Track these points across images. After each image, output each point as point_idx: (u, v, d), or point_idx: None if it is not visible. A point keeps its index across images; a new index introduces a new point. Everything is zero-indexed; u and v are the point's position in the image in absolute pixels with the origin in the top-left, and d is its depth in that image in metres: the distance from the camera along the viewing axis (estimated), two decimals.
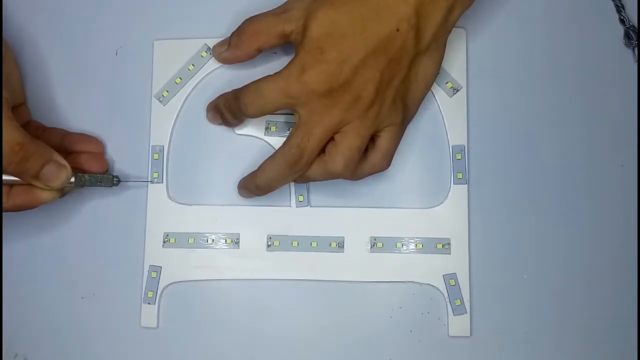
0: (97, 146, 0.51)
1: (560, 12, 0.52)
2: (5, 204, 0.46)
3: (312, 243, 0.50)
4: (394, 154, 0.47)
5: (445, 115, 0.51)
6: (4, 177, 0.46)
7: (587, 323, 0.50)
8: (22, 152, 0.44)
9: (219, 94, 0.50)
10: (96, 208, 0.51)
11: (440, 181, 0.51)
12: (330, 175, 0.46)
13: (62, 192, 0.48)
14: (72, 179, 0.47)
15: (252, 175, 0.48)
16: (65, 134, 0.51)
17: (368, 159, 0.46)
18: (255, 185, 0.48)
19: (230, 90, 0.49)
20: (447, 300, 0.50)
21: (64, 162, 0.46)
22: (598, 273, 0.50)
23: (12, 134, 0.44)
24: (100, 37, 0.52)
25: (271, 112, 0.46)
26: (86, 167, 0.49)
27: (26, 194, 0.46)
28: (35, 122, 0.51)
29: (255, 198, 0.50)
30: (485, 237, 0.50)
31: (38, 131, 0.50)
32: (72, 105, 0.52)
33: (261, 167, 0.47)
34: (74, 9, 0.53)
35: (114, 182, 0.49)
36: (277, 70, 0.45)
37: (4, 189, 0.46)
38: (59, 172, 0.46)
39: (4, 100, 0.44)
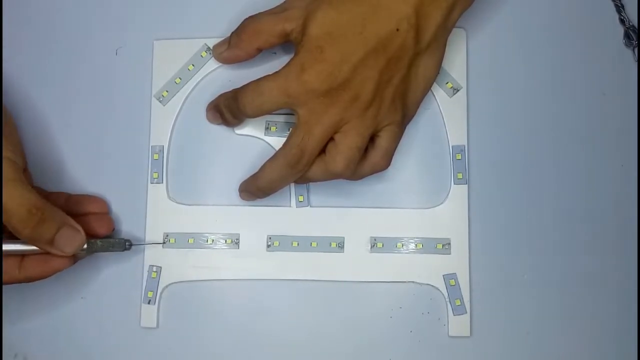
0: (101, 206, 0.50)
1: (560, 12, 0.52)
2: (17, 275, 0.44)
3: (312, 243, 0.50)
4: (393, 153, 0.47)
5: (445, 115, 0.51)
6: (15, 246, 0.45)
7: (588, 323, 0.50)
8: (38, 214, 0.43)
9: (219, 94, 0.50)
10: None
11: (440, 181, 0.51)
12: (331, 175, 0.46)
13: (74, 259, 0.46)
14: (85, 245, 0.46)
15: (253, 178, 0.48)
16: (68, 196, 0.50)
17: (368, 159, 0.46)
18: (257, 188, 0.48)
19: (230, 90, 0.49)
20: (447, 300, 0.50)
21: (78, 226, 0.45)
22: (598, 273, 0.50)
23: (28, 196, 0.43)
24: (100, 37, 0.52)
25: (271, 112, 0.46)
26: (93, 229, 0.48)
27: (39, 264, 0.45)
28: (37, 188, 0.50)
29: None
30: (485, 237, 0.50)
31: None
32: (72, 105, 0.52)
33: (262, 169, 0.47)
34: (73, 9, 0.53)
35: (126, 246, 0.49)
36: (277, 69, 0.45)
37: (15, 261, 0.45)
38: (74, 237, 0.45)
39: (12, 164, 0.43)
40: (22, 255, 0.45)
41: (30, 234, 0.43)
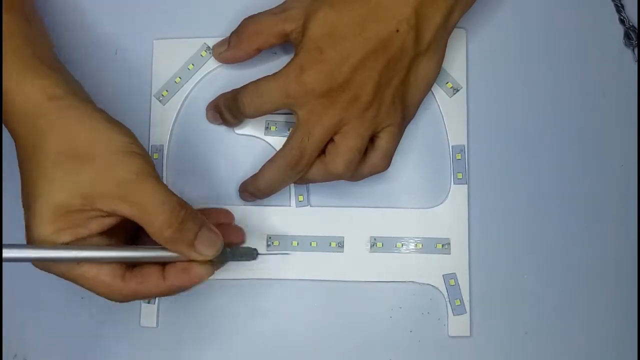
0: (229, 217, 0.49)
1: (560, 12, 0.52)
2: (162, 285, 0.41)
3: (312, 243, 0.50)
4: (393, 154, 0.47)
5: (445, 115, 0.51)
6: (157, 253, 0.41)
7: (587, 323, 0.50)
8: (182, 214, 0.40)
9: (218, 94, 0.50)
10: None
11: (440, 181, 0.51)
12: (331, 177, 0.46)
13: (214, 267, 0.43)
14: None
15: (253, 179, 0.48)
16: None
17: (368, 160, 0.46)
18: (257, 189, 0.48)
19: (230, 89, 0.49)
20: (447, 300, 0.50)
21: (215, 228, 0.42)
22: (598, 273, 0.50)
23: (169, 195, 0.40)
24: (100, 37, 0.52)
25: (270, 112, 0.46)
26: (228, 238, 0.45)
27: (182, 273, 0.41)
28: None
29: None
30: (485, 237, 0.50)
31: None
32: None
33: (262, 170, 0.47)
34: (72, 9, 0.53)
35: (254, 256, 0.47)
36: (277, 69, 0.45)
37: (157, 270, 0.41)
38: (214, 239, 0.41)
39: (149, 161, 0.40)
40: (162, 264, 0.42)
41: (172, 234, 0.40)
